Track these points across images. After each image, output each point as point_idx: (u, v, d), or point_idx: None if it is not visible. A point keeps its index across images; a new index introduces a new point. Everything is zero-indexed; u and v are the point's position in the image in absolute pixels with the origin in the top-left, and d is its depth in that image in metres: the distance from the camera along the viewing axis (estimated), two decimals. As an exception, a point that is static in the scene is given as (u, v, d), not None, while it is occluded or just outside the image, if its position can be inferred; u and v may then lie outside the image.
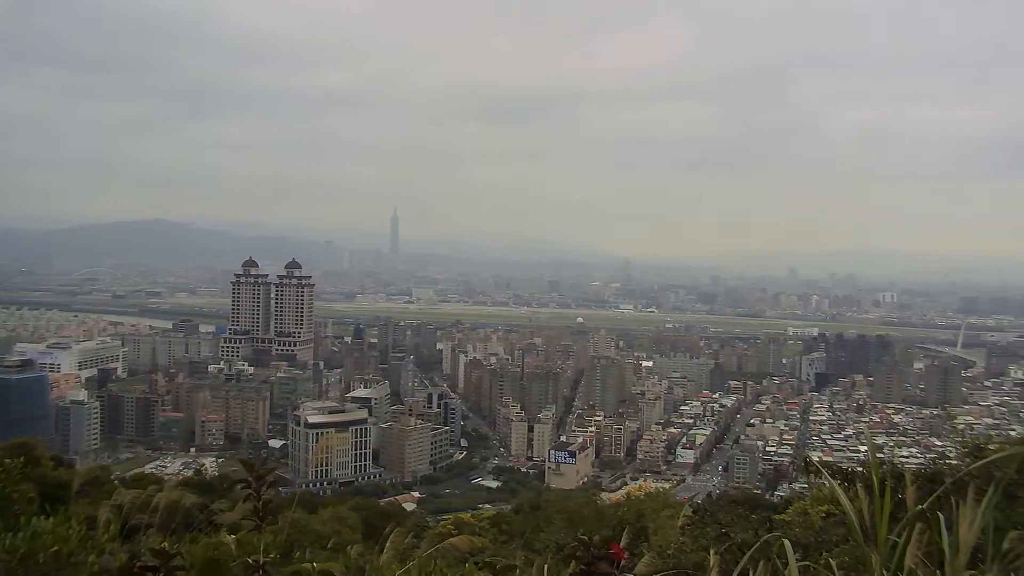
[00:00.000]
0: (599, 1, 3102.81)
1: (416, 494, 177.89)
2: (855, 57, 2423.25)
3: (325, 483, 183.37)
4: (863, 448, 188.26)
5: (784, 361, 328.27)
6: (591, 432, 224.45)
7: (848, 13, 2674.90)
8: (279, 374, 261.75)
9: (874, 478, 4.85)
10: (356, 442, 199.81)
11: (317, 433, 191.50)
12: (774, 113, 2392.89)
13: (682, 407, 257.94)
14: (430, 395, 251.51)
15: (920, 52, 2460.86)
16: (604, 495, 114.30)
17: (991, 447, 14.75)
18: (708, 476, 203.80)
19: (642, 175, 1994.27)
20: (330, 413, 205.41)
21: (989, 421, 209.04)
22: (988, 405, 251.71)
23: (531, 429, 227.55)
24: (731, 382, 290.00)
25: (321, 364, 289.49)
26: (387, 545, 7.86)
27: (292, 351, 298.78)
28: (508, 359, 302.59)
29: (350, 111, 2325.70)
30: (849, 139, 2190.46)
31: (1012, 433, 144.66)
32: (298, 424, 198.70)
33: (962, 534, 4.49)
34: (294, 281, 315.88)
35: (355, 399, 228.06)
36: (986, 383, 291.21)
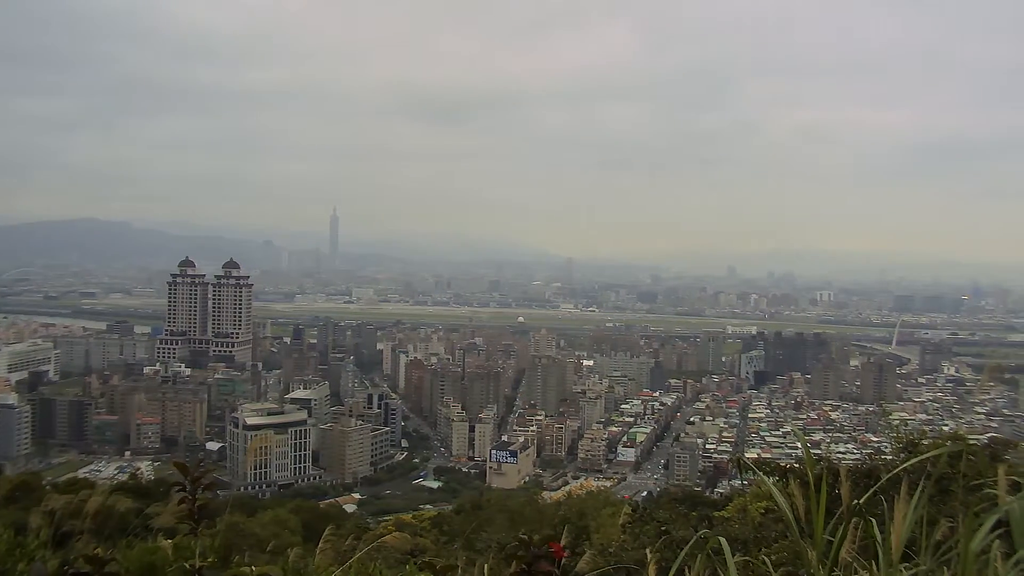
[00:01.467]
0: (540, 2, 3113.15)
1: (357, 495, 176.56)
2: (793, 60, 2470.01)
3: (264, 485, 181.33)
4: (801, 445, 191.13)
5: (723, 359, 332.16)
6: (532, 431, 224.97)
7: (786, 18, 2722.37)
8: (217, 376, 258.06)
9: (809, 474, 4.91)
10: (295, 444, 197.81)
11: (256, 435, 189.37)
12: (714, 114, 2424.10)
13: (623, 406, 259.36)
14: (370, 396, 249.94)
15: (856, 56, 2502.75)
16: (545, 494, 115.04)
17: (925, 442, 15.07)
18: (649, 474, 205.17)
19: (583, 175, 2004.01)
20: (269, 415, 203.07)
21: (923, 417, 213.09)
22: (922, 401, 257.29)
23: (472, 429, 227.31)
24: (671, 380, 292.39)
25: (260, 365, 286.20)
26: (323, 546, 7.77)
27: (230, 352, 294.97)
28: (449, 359, 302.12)
29: (290, 109, 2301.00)
30: (787, 140, 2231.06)
31: (945, 428, 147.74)
32: (236, 426, 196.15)
33: (896, 528, 4.52)
34: (232, 281, 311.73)
35: (294, 400, 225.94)
36: (920, 380, 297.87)
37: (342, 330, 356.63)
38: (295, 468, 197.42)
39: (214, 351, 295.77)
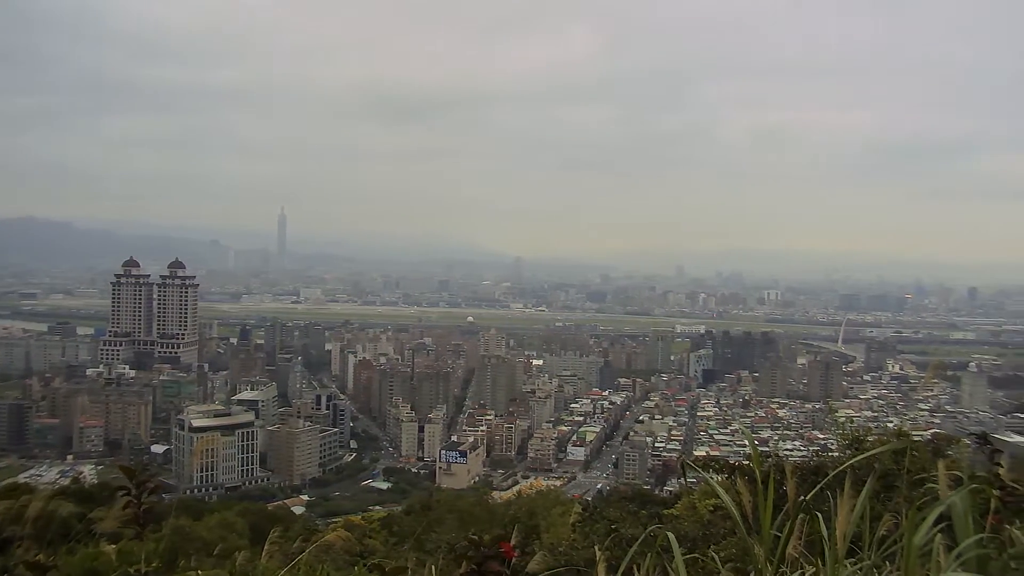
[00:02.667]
0: (503, 4, 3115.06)
1: (305, 497, 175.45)
2: (752, 62, 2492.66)
3: (211, 488, 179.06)
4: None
5: (672, 358, 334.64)
6: (482, 431, 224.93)
7: (746, 20, 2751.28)
8: (162, 377, 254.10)
9: (756, 471, 4.95)
10: (243, 446, 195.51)
11: (201, 437, 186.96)
12: (672, 116, 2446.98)
13: (572, 405, 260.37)
14: (319, 396, 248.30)
15: (813, 59, 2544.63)
16: (495, 494, 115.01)
17: (870, 439, 15.31)
18: (598, 473, 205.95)
19: (539, 175, 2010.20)
20: (215, 416, 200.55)
21: (868, 414, 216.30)
22: (867, 398, 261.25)
23: (422, 429, 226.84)
24: (620, 379, 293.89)
25: (206, 366, 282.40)
26: (270, 549, 7.67)
27: (175, 353, 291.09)
28: (398, 359, 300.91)
29: (246, 108, 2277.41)
30: (743, 141, 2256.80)
31: (889, 425, 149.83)
32: (182, 428, 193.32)
33: (841, 523, 4.57)
34: (177, 281, 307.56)
35: (241, 402, 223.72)
36: (865, 377, 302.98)
37: (290, 330, 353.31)
38: (242, 470, 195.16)
39: (159, 352, 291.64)
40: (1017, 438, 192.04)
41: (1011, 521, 5.07)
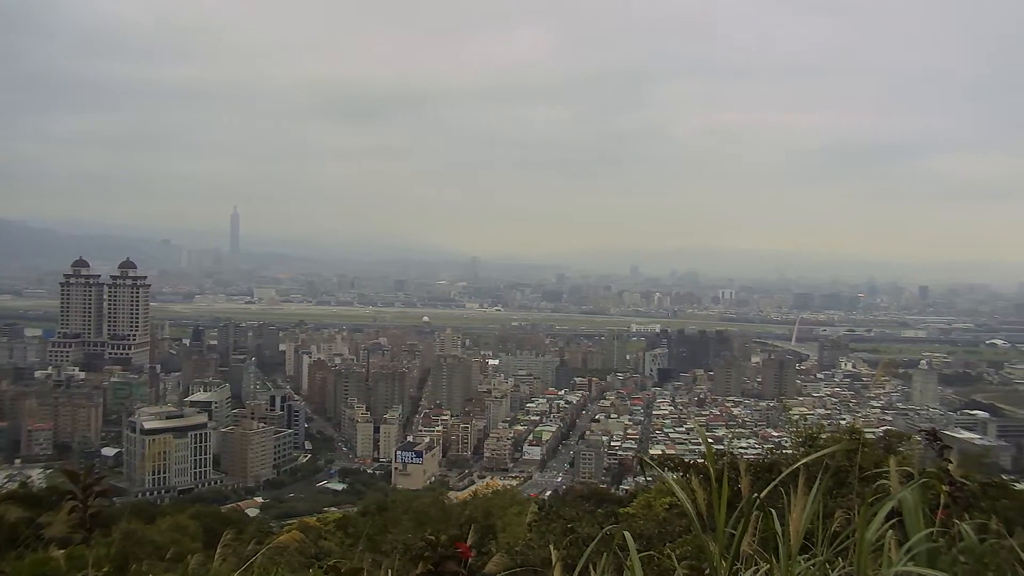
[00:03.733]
0: (462, 3, 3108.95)
1: (259, 499, 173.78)
2: (708, 64, 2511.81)
3: (163, 491, 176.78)
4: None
5: (628, 357, 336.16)
6: (438, 431, 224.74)
7: (702, 22, 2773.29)
8: (113, 379, 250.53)
9: (711, 469, 4.97)
10: (195, 448, 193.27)
11: (153, 440, 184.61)
12: (629, 116, 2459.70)
13: (528, 404, 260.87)
14: (273, 397, 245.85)
15: (765, 61, 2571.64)
16: (451, 494, 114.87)
17: (823, 436, 15.49)
18: (554, 472, 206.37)
19: (495, 175, 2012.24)
20: (168, 418, 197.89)
21: (821, 411, 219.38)
22: (820, 396, 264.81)
23: (377, 430, 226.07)
24: (576, 379, 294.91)
25: (158, 368, 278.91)
26: (223, 552, 7.58)
27: (127, 355, 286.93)
28: (353, 359, 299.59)
29: (199, 106, 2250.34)
30: (698, 142, 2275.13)
31: (842, 422, 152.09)
32: (133, 431, 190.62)
33: (794, 520, 4.60)
34: (128, 281, 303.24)
35: (194, 403, 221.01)
36: (818, 375, 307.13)
37: (243, 331, 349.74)
38: (195, 473, 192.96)
39: (110, 354, 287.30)
40: (966, 434, 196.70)
41: (960, 516, 5.15)
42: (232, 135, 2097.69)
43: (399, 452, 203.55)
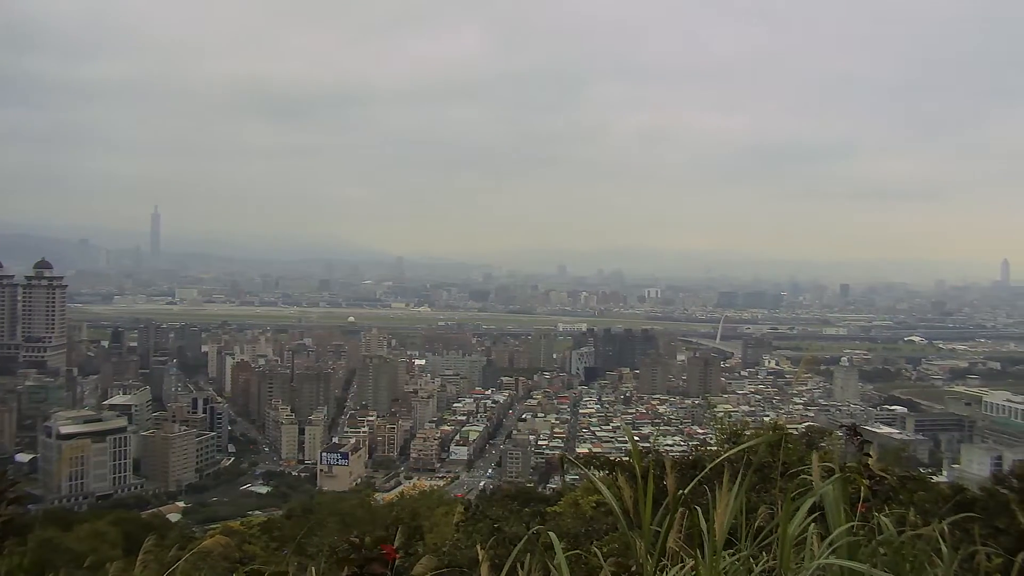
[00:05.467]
0: (392, 2, 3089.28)
1: (181, 504, 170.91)
2: (636, 65, 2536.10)
3: (81, 497, 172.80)
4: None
5: (555, 356, 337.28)
6: (364, 432, 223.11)
7: (631, 25, 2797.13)
8: (27, 383, 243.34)
9: (637, 467, 4.99)
10: (115, 452, 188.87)
11: (70, 444, 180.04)
12: (558, 116, 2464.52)
13: (455, 404, 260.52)
14: (195, 400, 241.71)
15: (692, 63, 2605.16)
16: (378, 495, 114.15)
17: (747, 433, 15.73)
18: (482, 472, 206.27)
19: (424, 174, 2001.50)
20: (85, 422, 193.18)
21: (745, 408, 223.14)
22: (744, 393, 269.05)
23: (302, 431, 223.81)
24: (503, 378, 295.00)
25: (75, 371, 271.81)
26: (144, 558, 7.39)
27: (42, 357, 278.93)
28: (277, 360, 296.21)
29: (120, 103, 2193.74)
30: (627, 142, 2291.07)
31: (766, 419, 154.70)
32: (49, 436, 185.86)
33: (719, 516, 4.65)
34: (44, 282, 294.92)
35: (113, 407, 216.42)
36: (743, 373, 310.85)
37: (164, 332, 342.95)
38: (114, 478, 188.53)
39: (24, 357, 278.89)
40: (886, 429, 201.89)
41: (880, 509, 5.26)
42: (154, 133, 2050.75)
43: (324, 454, 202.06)
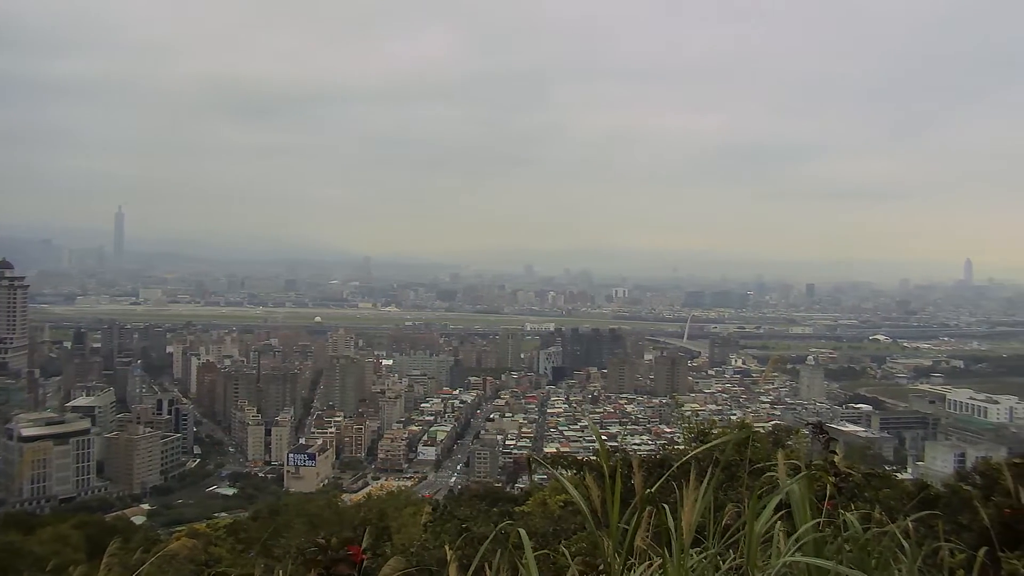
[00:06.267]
0: (365, 3, 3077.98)
1: (146, 506, 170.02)
2: (608, 66, 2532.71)
3: (43, 501, 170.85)
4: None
5: (522, 356, 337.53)
6: (331, 433, 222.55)
7: (603, 25, 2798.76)
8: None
9: (604, 466, 4.99)
10: (78, 454, 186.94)
11: (32, 447, 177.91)
12: (530, 117, 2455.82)
13: (423, 404, 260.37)
14: (160, 401, 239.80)
15: (664, 65, 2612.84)
16: (345, 496, 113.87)
17: (714, 431, 15.81)
18: (449, 472, 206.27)
19: (391, 174, 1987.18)
20: (47, 424, 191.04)
21: (713, 407, 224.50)
22: (712, 392, 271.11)
23: (268, 432, 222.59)
24: (471, 378, 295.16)
25: (37, 372, 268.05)
26: (108, 562, 7.30)
27: (3, 359, 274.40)
28: (243, 361, 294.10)
29: (87, 102, 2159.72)
30: (598, 142, 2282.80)
31: (733, 417, 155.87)
32: (10, 438, 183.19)
33: (686, 514, 4.66)
34: (5, 282, 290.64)
35: (76, 408, 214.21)
36: (710, 372, 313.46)
37: (128, 333, 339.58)
38: (77, 480, 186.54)
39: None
40: (851, 427, 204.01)
41: (845, 506, 5.30)
42: (121, 131, 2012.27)
43: (291, 455, 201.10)
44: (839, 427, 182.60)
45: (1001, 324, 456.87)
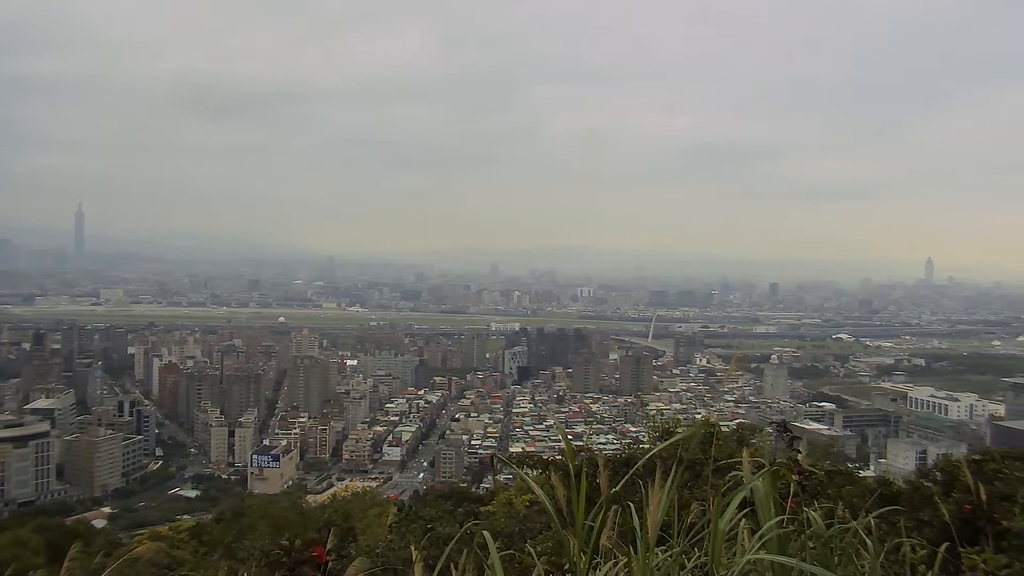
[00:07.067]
0: (337, 3, 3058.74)
1: (107, 509, 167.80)
2: (578, 66, 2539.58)
3: (2, 505, 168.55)
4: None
5: (487, 356, 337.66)
6: (295, 434, 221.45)
7: (574, 26, 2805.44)
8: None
9: (570, 465, 4.99)
10: (37, 457, 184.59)
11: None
12: (501, 117, 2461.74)
13: (388, 405, 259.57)
14: (121, 403, 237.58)
15: (633, 66, 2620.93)
16: (310, 498, 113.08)
17: (679, 430, 15.89)
18: (415, 472, 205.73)
19: (359, 174, 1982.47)
20: (6, 427, 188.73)
21: (677, 406, 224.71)
22: (676, 391, 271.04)
23: (232, 434, 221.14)
24: (436, 378, 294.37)
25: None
26: (69, 566, 7.20)
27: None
28: (206, 362, 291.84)
29: (53, 100, 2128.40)
30: (565, 143, 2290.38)
31: (698, 416, 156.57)
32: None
33: (651, 513, 4.67)
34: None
35: (35, 411, 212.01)
36: (674, 371, 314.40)
37: (89, 334, 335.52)
38: (37, 484, 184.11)
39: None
40: (815, 425, 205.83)
41: (809, 503, 5.34)
42: (85, 130, 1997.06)
43: (255, 456, 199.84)
44: (803, 425, 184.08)
45: (961, 323, 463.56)
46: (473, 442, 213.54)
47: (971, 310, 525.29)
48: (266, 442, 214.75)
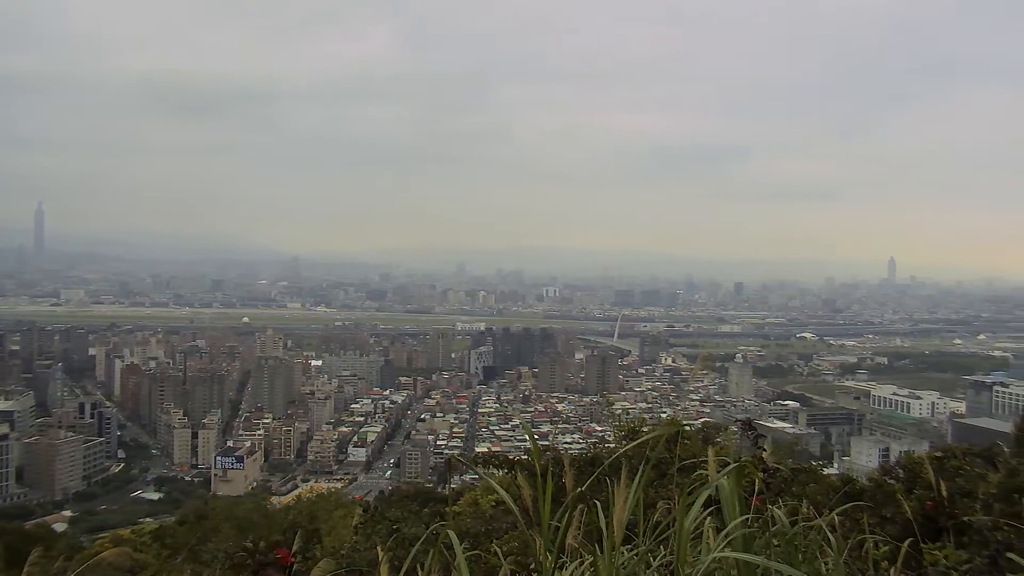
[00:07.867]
0: (306, 2, 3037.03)
1: (68, 513, 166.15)
2: (546, 67, 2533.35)
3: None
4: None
5: (453, 356, 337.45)
6: (259, 435, 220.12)
7: (543, 26, 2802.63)
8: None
9: (536, 465, 4.99)
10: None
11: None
12: (470, 117, 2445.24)
13: (353, 405, 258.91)
14: (82, 405, 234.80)
15: (602, 67, 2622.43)
16: (275, 499, 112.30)
17: (645, 429, 15.96)
18: (380, 473, 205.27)
19: (324, 174, 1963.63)
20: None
21: (643, 405, 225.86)
22: (642, 390, 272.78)
23: (195, 435, 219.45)
24: (401, 378, 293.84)
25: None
26: (30, 571, 7.07)
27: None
28: (169, 363, 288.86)
29: (17, 97, 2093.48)
30: (537, 143, 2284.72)
31: (663, 415, 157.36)
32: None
33: (617, 512, 4.67)
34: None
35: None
36: (640, 370, 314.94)
37: (49, 335, 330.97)
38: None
39: None
40: (779, 424, 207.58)
41: (773, 501, 5.38)
42: (48, 127, 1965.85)
43: (219, 458, 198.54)
44: (767, 424, 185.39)
45: (923, 321, 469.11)
46: (439, 442, 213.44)
47: (933, 309, 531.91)
48: (230, 443, 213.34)
